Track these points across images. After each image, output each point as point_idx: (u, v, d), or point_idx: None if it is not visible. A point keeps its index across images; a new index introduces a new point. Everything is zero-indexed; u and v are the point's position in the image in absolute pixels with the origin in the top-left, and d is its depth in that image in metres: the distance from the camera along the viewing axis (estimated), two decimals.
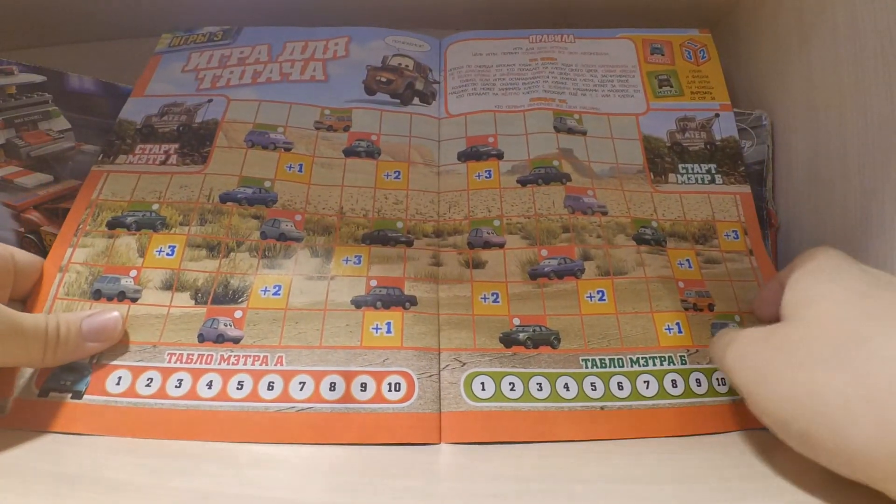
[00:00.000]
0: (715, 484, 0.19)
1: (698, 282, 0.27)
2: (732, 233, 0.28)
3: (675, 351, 0.24)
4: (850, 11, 0.26)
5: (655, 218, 0.29)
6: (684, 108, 0.32)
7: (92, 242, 0.26)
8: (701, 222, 0.29)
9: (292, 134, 0.30)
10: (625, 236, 0.28)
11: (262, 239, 0.27)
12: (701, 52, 0.34)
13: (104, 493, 0.17)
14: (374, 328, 0.24)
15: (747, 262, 0.28)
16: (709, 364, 0.24)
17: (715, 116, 0.32)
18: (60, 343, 0.21)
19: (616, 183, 0.30)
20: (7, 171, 0.29)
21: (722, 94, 0.32)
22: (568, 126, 0.31)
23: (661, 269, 0.27)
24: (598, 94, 0.32)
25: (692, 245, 0.28)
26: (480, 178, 0.30)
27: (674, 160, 0.30)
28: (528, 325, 0.25)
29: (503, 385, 0.23)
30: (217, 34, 0.34)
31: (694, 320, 0.25)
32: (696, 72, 0.33)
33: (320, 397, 0.22)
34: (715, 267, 0.27)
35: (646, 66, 0.34)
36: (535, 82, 0.33)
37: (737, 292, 0.26)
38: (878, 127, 0.24)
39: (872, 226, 0.24)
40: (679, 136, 0.31)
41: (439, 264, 0.27)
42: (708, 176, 0.30)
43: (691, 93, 0.33)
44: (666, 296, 0.26)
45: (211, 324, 0.24)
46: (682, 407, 0.23)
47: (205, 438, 0.21)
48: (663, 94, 0.33)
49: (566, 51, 0.34)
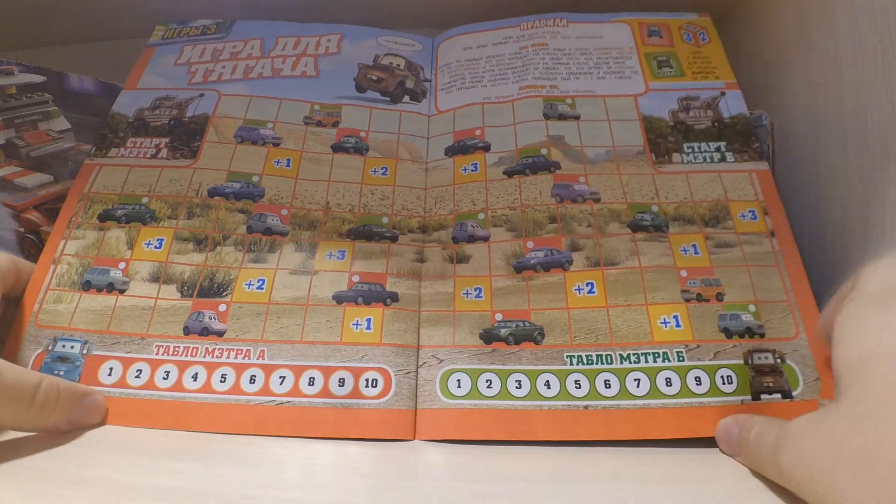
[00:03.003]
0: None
1: (706, 269, 0.25)
2: (749, 213, 0.26)
3: (672, 346, 0.23)
4: (850, 11, 0.25)
5: (657, 201, 0.27)
6: (686, 87, 0.30)
7: (83, 235, 0.26)
8: (711, 203, 0.27)
9: (281, 129, 0.30)
10: (619, 224, 0.26)
11: (249, 233, 0.27)
12: (701, 34, 0.32)
13: (104, 493, 0.18)
14: (355, 324, 0.24)
15: (767, 244, 0.25)
16: (712, 360, 0.22)
17: (721, 94, 0.30)
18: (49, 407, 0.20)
19: (612, 167, 0.28)
20: (7, 171, 0.29)
21: (726, 73, 0.31)
22: (559, 112, 0.30)
23: (659, 257, 0.25)
24: (592, 77, 0.31)
25: (700, 228, 0.26)
26: (466, 171, 0.29)
27: (678, 139, 0.29)
28: (511, 321, 0.24)
29: (480, 382, 0.23)
30: (210, 27, 0.34)
31: (696, 312, 0.24)
32: (696, 53, 0.32)
33: (299, 391, 0.23)
34: (728, 251, 0.25)
35: (643, 48, 0.32)
36: (526, 70, 0.32)
37: (754, 279, 0.24)
38: (878, 127, 0.24)
39: (872, 226, 0.24)
40: (682, 114, 0.29)
41: (423, 260, 0.27)
42: (717, 154, 0.28)
43: (693, 73, 0.31)
44: (664, 286, 0.24)
45: (196, 317, 0.24)
46: (678, 408, 0.21)
47: (190, 429, 0.22)
48: (663, 74, 0.31)
49: (559, 35, 0.33)
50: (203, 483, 0.18)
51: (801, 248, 0.29)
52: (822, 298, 0.27)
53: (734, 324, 0.23)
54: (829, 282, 0.27)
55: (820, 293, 0.27)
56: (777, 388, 0.22)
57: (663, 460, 0.20)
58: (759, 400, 0.22)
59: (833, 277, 0.26)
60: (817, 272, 0.28)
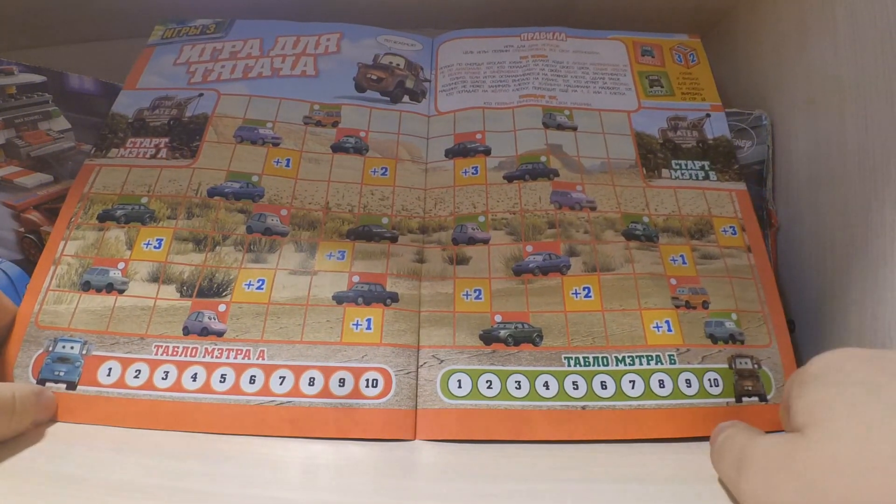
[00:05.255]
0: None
1: (692, 278, 0.26)
2: (730, 228, 0.28)
3: (664, 350, 0.24)
4: (850, 11, 0.25)
5: (647, 213, 0.28)
6: (675, 107, 0.32)
7: (83, 235, 0.26)
8: (697, 217, 0.28)
9: (281, 129, 0.30)
10: (613, 232, 0.27)
11: (248, 233, 0.27)
12: (691, 55, 0.34)
13: (104, 493, 0.18)
14: (355, 324, 0.24)
15: (745, 258, 0.27)
16: (700, 364, 0.24)
17: (706, 116, 0.31)
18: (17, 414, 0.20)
19: (607, 178, 0.29)
20: (7, 171, 0.29)
21: (712, 95, 0.32)
22: (557, 122, 0.31)
23: (651, 265, 0.26)
24: (589, 91, 0.32)
25: (687, 240, 0.27)
26: (467, 174, 0.29)
27: (667, 156, 0.30)
28: (510, 322, 0.25)
29: (480, 383, 0.23)
30: (210, 27, 0.34)
31: (686, 318, 0.25)
32: (686, 74, 0.33)
33: (299, 391, 0.23)
34: (712, 262, 0.27)
35: (637, 66, 0.34)
36: (526, 79, 0.33)
37: (735, 290, 0.26)
38: (878, 127, 0.24)
39: (872, 226, 0.24)
40: (671, 133, 0.31)
41: (423, 261, 0.27)
42: (702, 172, 0.30)
43: (682, 93, 0.32)
44: (656, 293, 0.25)
45: (196, 317, 0.24)
46: (671, 409, 0.22)
47: (189, 430, 0.22)
48: (654, 93, 0.32)
49: (558, 48, 0.34)
50: (203, 483, 0.18)
51: (801, 249, 0.29)
52: (823, 298, 0.27)
53: (719, 330, 0.25)
54: (830, 281, 0.27)
55: (821, 293, 0.27)
56: (755, 391, 0.24)
57: (659, 459, 0.21)
58: (741, 402, 0.23)
59: (833, 277, 0.26)
60: (818, 272, 0.28)
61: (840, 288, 0.26)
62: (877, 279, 0.23)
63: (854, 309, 0.25)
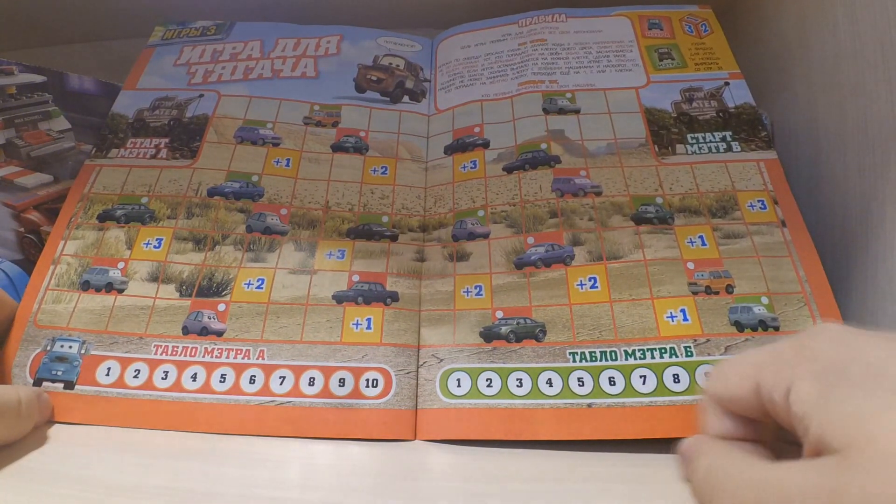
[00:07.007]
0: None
1: (715, 261, 0.24)
2: (758, 203, 0.25)
3: (679, 341, 0.22)
4: (850, 11, 0.25)
5: (661, 193, 0.26)
6: (689, 79, 0.30)
7: (83, 235, 0.26)
8: (718, 193, 0.26)
9: (281, 129, 0.30)
10: (621, 217, 0.26)
11: (248, 232, 0.27)
12: (702, 25, 0.32)
13: (104, 493, 0.17)
14: (355, 324, 0.24)
15: (778, 234, 0.24)
16: (722, 355, 0.21)
17: (725, 85, 0.29)
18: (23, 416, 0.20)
19: (614, 160, 0.28)
20: (7, 171, 0.29)
21: (730, 63, 0.30)
22: (559, 106, 0.30)
23: (665, 249, 0.25)
24: (592, 71, 0.31)
25: (708, 219, 0.25)
26: (465, 169, 0.29)
27: (681, 130, 0.28)
28: (512, 318, 0.24)
29: (480, 381, 0.23)
30: (210, 28, 0.34)
31: (705, 305, 0.23)
32: (699, 44, 0.31)
33: (299, 391, 0.23)
34: (737, 242, 0.24)
35: (644, 41, 0.32)
36: (525, 66, 0.32)
37: (766, 270, 0.23)
38: (878, 127, 0.24)
39: (872, 226, 0.24)
40: (685, 106, 0.29)
41: (423, 259, 0.27)
42: (723, 144, 0.27)
43: (695, 64, 0.30)
44: (670, 279, 0.24)
45: (195, 316, 0.24)
46: (686, 405, 0.20)
47: (189, 430, 0.22)
48: (665, 66, 0.31)
49: (557, 31, 0.33)
50: (203, 483, 0.18)
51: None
52: None
53: (746, 317, 0.22)
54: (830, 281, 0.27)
55: None
56: None
57: (672, 461, 0.20)
58: None
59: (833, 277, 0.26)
60: None
61: (840, 288, 0.26)
62: (877, 278, 0.23)
63: (854, 309, 0.24)
